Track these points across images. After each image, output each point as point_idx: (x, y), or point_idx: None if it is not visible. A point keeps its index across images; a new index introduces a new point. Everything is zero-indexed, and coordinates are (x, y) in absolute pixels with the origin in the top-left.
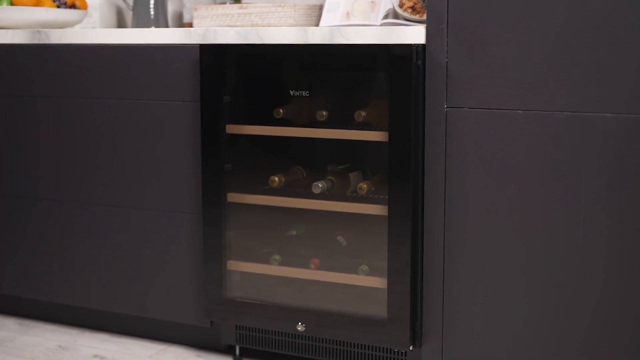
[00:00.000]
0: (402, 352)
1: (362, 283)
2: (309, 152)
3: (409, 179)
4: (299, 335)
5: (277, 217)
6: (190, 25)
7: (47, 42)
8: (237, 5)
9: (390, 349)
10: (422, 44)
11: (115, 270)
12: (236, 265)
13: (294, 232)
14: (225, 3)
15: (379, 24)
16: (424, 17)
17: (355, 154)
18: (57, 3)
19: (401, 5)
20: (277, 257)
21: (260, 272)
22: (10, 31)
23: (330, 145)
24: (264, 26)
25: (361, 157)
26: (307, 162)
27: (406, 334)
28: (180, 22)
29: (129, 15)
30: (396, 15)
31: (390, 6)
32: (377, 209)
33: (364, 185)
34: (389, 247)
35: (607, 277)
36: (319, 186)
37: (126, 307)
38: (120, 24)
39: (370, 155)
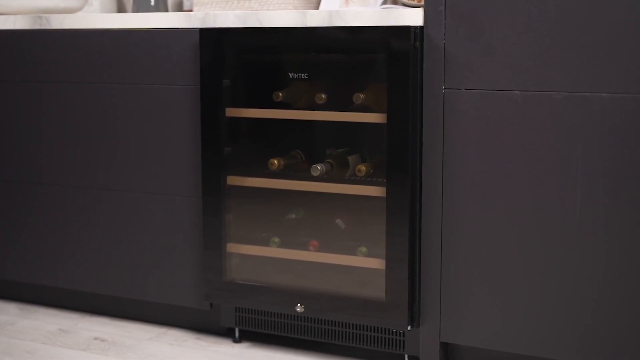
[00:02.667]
0: (400, 333)
1: (360, 264)
2: (308, 136)
3: (407, 159)
4: (298, 317)
5: (277, 200)
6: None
7: (48, 27)
8: None
9: (389, 330)
10: (420, 26)
11: (115, 253)
12: (236, 248)
13: (293, 216)
14: None
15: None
16: (422, 1)
17: (354, 138)
18: None
19: None
20: (277, 239)
21: (260, 255)
22: (11, 17)
23: (329, 129)
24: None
25: (360, 141)
26: (306, 146)
27: (404, 315)
28: (180, 10)
29: (129, 4)
30: (395, 1)
31: None
32: (375, 190)
33: (362, 167)
34: (387, 228)
35: (604, 257)
36: (317, 169)
37: (126, 291)
38: (121, 12)
39: (369, 139)
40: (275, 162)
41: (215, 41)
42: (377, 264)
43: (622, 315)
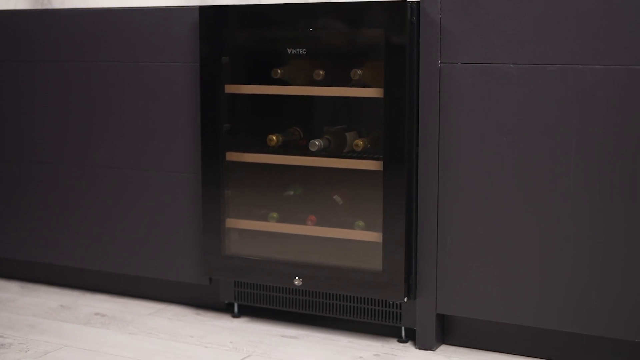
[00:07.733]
0: (396, 305)
1: (357, 237)
2: (306, 114)
3: (403, 133)
4: (296, 291)
5: (275, 176)
6: None
7: (49, 7)
8: None
9: (386, 302)
10: (417, 1)
11: (114, 230)
12: (235, 223)
13: (292, 193)
14: None
15: None
16: None
17: (351, 115)
18: None
19: None
20: (275, 215)
21: (258, 229)
22: None
23: (326, 106)
24: None
25: (357, 118)
26: (304, 123)
27: (401, 287)
28: None
29: None
30: None
31: None
32: (372, 165)
33: (359, 142)
34: (384, 201)
35: (600, 227)
36: (315, 144)
37: (126, 267)
38: None
39: (366, 116)
40: (274, 138)
41: (214, 18)
42: (374, 237)
43: (617, 284)
